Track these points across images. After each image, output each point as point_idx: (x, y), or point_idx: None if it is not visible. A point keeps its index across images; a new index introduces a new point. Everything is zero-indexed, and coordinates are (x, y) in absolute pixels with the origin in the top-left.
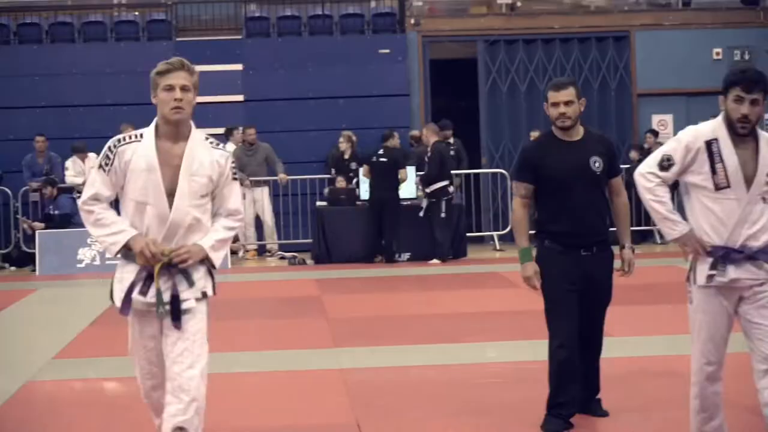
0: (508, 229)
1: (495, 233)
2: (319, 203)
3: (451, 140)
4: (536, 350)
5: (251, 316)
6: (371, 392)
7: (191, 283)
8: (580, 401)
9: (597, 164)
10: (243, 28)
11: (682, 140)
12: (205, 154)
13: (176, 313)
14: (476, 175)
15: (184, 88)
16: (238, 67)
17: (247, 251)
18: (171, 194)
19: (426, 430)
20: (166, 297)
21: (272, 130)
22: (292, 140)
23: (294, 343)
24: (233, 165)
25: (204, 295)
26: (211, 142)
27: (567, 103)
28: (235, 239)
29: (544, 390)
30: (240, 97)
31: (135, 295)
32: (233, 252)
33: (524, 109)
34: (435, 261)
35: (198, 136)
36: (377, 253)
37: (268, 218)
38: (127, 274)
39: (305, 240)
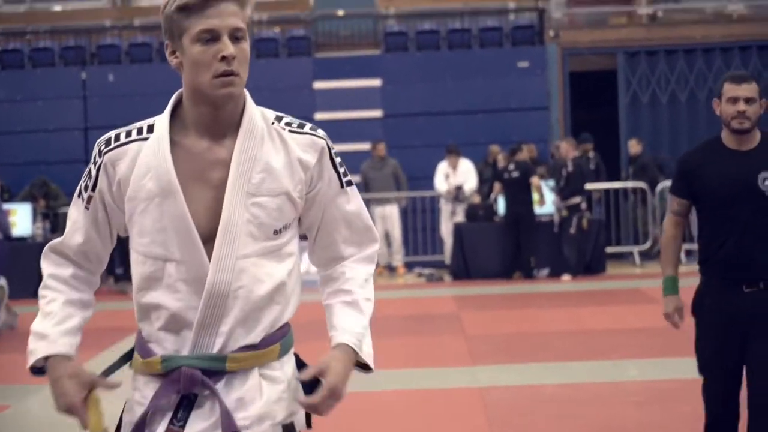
0: (648, 244)
1: (635, 248)
2: (456, 219)
3: (591, 154)
4: (676, 368)
5: (389, 334)
6: (509, 411)
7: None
8: None
9: None
10: (382, 43)
11: None
12: (276, 150)
13: None
14: (615, 189)
15: (236, 35)
16: (377, 82)
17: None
18: (212, 236)
19: None
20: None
21: (411, 145)
22: (431, 155)
23: (432, 360)
24: (339, 160)
25: (290, 428)
26: (287, 123)
27: (748, 101)
28: None
29: (682, 410)
30: (379, 113)
31: None
32: None
33: (666, 121)
34: (566, 277)
35: (258, 117)
36: (515, 268)
37: (397, 234)
38: (139, 392)
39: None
